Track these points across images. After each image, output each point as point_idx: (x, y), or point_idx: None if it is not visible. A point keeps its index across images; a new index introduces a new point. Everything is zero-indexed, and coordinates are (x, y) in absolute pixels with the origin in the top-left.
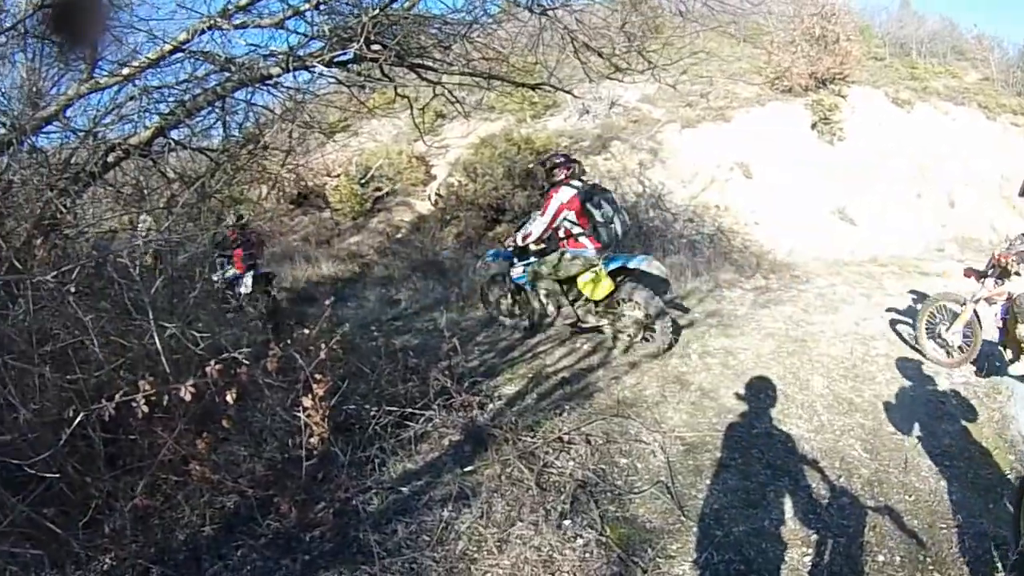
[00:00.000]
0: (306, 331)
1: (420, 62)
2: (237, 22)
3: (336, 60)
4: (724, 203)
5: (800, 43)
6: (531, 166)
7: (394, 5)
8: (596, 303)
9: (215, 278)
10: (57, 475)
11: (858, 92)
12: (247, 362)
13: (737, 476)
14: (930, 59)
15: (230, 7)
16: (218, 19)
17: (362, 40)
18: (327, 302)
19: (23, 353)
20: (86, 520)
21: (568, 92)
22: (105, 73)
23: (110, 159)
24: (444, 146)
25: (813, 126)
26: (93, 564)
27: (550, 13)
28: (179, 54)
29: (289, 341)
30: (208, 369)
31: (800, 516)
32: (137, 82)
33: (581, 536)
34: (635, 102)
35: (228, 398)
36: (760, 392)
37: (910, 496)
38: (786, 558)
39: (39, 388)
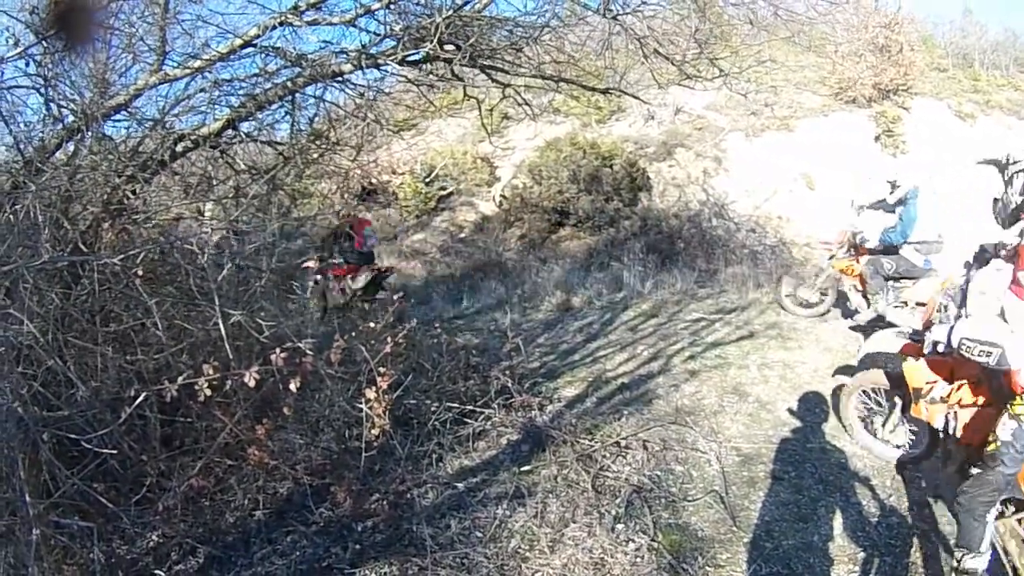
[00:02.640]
0: (371, 325)
1: (491, 63)
2: (308, 19)
3: (408, 59)
4: (787, 214)
5: (864, 53)
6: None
7: (466, 7)
8: None
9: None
10: (113, 451)
11: (921, 104)
12: (311, 352)
13: (790, 489)
14: (992, 71)
15: (301, 4)
16: (289, 15)
17: (435, 40)
18: (396, 296)
19: (84, 332)
20: (138, 497)
21: (636, 97)
22: (175, 65)
23: (179, 148)
24: (509, 148)
25: (877, 138)
26: (140, 540)
27: (620, 18)
28: (249, 49)
29: (354, 334)
30: (273, 357)
31: (849, 533)
32: (207, 75)
33: (633, 540)
34: (700, 109)
35: (292, 386)
36: (816, 407)
37: None
38: (832, 574)
39: (99, 367)
